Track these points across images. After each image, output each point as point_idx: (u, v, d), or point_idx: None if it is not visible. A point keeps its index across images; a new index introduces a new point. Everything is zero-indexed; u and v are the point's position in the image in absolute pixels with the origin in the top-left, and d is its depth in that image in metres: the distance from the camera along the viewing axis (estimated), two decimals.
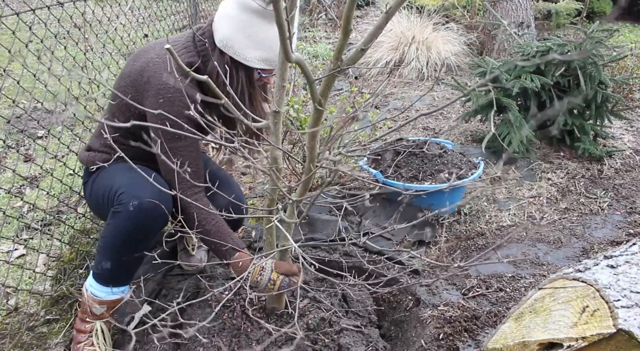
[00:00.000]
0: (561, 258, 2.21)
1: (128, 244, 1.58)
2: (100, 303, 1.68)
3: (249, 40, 1.55)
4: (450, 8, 6.06)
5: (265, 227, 1.51)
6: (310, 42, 6.39)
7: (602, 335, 1.12)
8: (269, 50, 1.56)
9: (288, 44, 0.85)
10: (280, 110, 1.18)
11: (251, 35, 1.54)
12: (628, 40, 6.37)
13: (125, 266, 1.66)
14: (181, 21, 4.48)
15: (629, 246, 1.50)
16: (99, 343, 1.68)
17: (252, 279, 1.54)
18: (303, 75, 0.95)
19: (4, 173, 2.91)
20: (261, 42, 1.55)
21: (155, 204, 1.52)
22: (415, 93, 4.62)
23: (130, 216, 1.54)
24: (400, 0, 0.80)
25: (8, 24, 1.83)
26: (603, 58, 3.01)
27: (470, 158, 2.66)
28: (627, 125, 3.73)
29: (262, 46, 1.56)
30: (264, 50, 1.56)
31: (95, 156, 1.75)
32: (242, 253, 1.58)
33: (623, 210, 2.65)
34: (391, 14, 0.82)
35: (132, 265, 1.69)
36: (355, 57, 0.92)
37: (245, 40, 1.55)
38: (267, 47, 1.56)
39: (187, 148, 1.62)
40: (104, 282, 1.66)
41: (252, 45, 1.56)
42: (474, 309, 1.80)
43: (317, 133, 1.13)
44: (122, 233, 1.57)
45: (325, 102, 1.05)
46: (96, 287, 1.67)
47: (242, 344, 1.60)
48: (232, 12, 1.55)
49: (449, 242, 2.35)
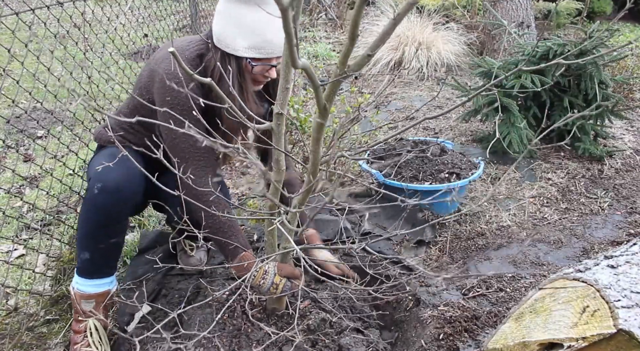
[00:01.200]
0: (561, 258, 2.21)
1: (100, 229, 1.58)
2: (88, 297, 1.68)
3: (237, 28, 1.54)
4: (450, 8, 6.05)
5: (267, 230, 1.51)
6: (310, 42, 6.39)
7: (603, 335, 1.12)
8: (256, 36, 1.54)
9: (295, 51, 0.85)
10: (283, 112, 1.17)
11: (237, 24, 1.54)
12: (628, 40, 6.37)
13: (104, 254, 1.65)
14: (181, 21, 4.48)
15: (630, 246, 1.50)
16: (94, 341, 1.68)
17: (254, 282, 1.53)
18: (308, 80, 0.95)
19: (4, 173, 2.91)
20: (247, 28, 1.54)
21: (118, 185, 1.51)
22: (416, 93, 4.61)
23: (94, 200, 1.54)
24: (408, 6, 0.80)
25: (7, 23, 1.83)
26: (603, 58, 3.01)
27: (470, 158, 2.66)
28: (628, 125, 3.72)
29: (248, 32, 1.54)
30: (251, 37, 1.54)
31: (102, 135, 1.77)
32: (246, 254, 1.58)
33: (623, 210, 2.64)
34: (399, 20, 0.81)
35: (111, 253, 1.68)
36: (361, 62, 0.92)
37: (233, 30, 1.55)
38: (252, 32, 1.54)
39: (194, 148, 1.61)
40: (87, 275, 1.67)
41: (239, 33, 1.54)
42: (474, 309, 1.80)
43: (322, 137, 1.13)
44: (90, 218, 1.57)
45: (330, 106, 1.05)
46: (81, 282, 1.68)
47: (242, 344, 1.60)
48: (221, 7, 1.57)
49: (449, 243, 2.34)
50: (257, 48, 1.55)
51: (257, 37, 1.54)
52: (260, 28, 1.52)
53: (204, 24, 4.49)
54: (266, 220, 1.50)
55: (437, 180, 2.44)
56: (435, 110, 4.15)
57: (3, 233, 2.23)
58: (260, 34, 1.53)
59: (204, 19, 4.51)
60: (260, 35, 1.53)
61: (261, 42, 1.54)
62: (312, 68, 0.92)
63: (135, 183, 1.58)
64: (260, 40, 1.54)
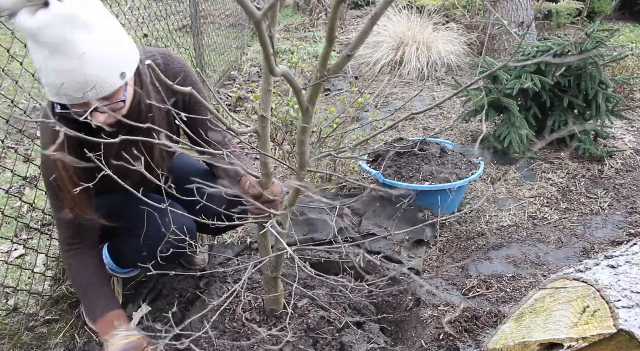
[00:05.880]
0: (561, 258, 2.21)
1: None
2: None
3: (38, 67, 1.25)
4: (450, 8, 6.05)
5: (259, 234, 1.50)
6: (311, 42, 6.40)
7: (603, 335, 1.11)
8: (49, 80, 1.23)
9: (272, 60, 0.85)
10: (266, 115, 1.17)
11: (37, 63, 1.23)
12: (629, 40, 6.37)
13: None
14: (181, 21, 4.48)
15: (630, 246, 1.50)
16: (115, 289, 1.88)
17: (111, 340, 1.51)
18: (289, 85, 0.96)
19: (3, 174, 2.91)
20: (41, 71, 1.24)
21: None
22: (416, 93, 4.61)
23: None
24: (384, 4, 0.80)
25: (7, 23, 1.83)
26: (603, 58, 3.00)
27: (470, 158, 2.66)
28: (628, 125, 3.72)
29: (42, 75, 1.24)
30: (45, 80, 1.24)
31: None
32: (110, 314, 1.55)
33: (623, 210, 2.64)
34: (376, 18, 0.81)
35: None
36: (341, 63, 0.91)
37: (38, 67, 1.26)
38: (45, 75, 1.23)
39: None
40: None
41: (40, 72, 1.25)
42: (474, 309, 1.80)
43: (307, 138, 1.13)
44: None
45: (313, 108, 1.05)
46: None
47: (243, 347, 1.60)
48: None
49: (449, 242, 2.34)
50: (52, 92, 1.26)
51: (44, 80, 1.24)
52: (42, 69, 1.22)
53: (204, 24, 4.49)
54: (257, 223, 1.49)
55: (437, 180, 2.43)
56: (435, 110, 4.15)
57: (2, 233, 2.23)
58: (44, 76, 1.23)
59: (204, 19, 4.51)
60: (45, 77, 1.23)
61: (49, 86, 1.24)
62: (291, 73, 0.93)
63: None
64: (47, 84, 1.24)
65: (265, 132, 1.20)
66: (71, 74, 1.19)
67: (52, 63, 1.19)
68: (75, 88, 1.22)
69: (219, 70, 4.79)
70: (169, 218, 1.54)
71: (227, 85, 4.81)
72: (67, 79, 1.20)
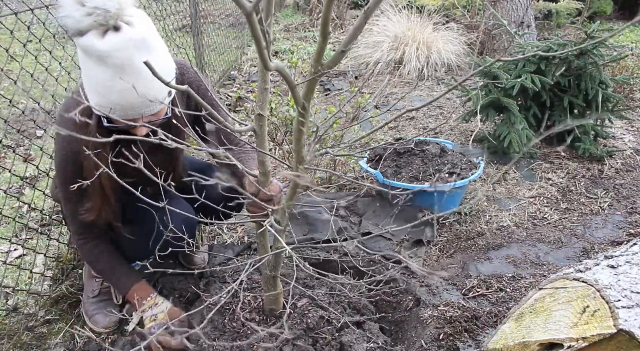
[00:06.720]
0: (561, 258, 2.21)
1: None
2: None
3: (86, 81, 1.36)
4: (450, 8, 6.05)
5: (257, 232, 1.50)
6: (310, 42, 6.39)
7: (603, 335, 1.11)
8: (101, 96, 1.33)
9: (265, 54, 0.85)
10: (263, 113, 1.16)
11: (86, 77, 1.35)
12: (629, 40, 6.37)
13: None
14: (181, 21, 4.48)
15: (630, 246, 1.50)
16: None
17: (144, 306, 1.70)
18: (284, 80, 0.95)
19: (3, 174, 2.91)
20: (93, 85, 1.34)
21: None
22: (416, 93, 4.61)
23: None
24: (377, 0, 0.80)
25: (7, 24, 1.83)
26: (603, 58, 3.00)
27: (471, 158, 2.66)
28: (628, 125, 3.72)
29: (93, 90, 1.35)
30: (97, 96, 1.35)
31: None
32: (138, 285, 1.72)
33: (624, 210, 2.64)
34: (369, 13, 0.81)
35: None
36: (335, 58, 0.91)
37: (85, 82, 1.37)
38: (95, 90, 1.34)
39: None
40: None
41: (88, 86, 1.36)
42: (474, 309, 1.80)
43: (303, 136, 1.12)
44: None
45: (309, 105, 1.05)
46: None
47: (243, 346, 1.60)
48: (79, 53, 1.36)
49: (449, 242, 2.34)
50: (105, 108, 1.34)
51: (102, 97, 1.33)
52: (104, 87, 1.31)
53: (204, 24, 4.49)
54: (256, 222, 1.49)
55: (437, 180, 2.43)
56: (435, 110, 4.15)
57: (2, 233, 2.23)
58: (105, 94, 1.32)
59: (203, 19, 4.51)
60: (105, 95, 1.32)
61: (107, 102, 1.33)
62: (285, 69, 0.92)
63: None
64: (106, 101, 1.33)
65: (262, 130, 1.20)
66: (132, 93, 1.29)
67: (115, 82, 1.28)
68: (133, 106, 1.34)
69: (219, 70, 4.79)
70: (167, 217, 1.55)
71: (227, 85, 4.80)
72: (127, 98, 1.31)
